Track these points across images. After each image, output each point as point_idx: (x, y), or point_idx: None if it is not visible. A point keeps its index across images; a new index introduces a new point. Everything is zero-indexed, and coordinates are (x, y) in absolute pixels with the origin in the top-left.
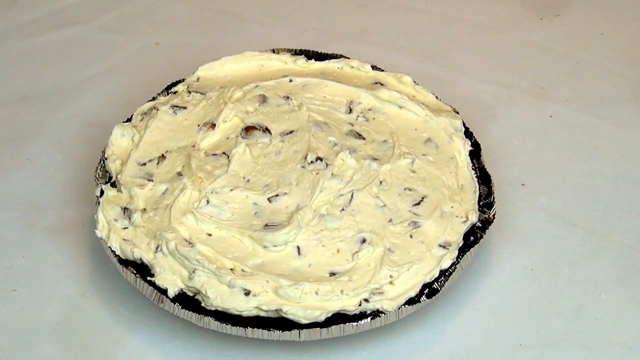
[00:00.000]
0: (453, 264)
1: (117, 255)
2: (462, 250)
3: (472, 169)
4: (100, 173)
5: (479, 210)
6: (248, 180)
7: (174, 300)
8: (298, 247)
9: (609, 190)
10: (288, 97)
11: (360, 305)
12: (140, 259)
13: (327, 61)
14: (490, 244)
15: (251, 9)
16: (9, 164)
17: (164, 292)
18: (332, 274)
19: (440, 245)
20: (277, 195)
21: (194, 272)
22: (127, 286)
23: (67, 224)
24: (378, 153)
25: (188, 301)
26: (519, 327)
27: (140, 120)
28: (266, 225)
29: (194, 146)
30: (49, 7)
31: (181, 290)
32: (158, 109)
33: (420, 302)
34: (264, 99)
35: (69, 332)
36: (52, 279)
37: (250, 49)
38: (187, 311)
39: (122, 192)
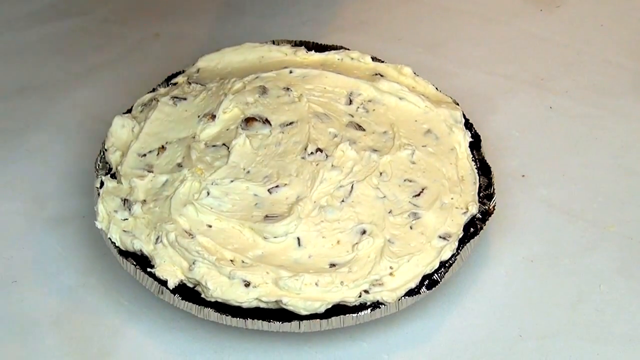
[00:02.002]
0: (453, 255)
1: (117, 247)
2: (462, 242)
3: (472, 160)
4: (100, 164)
5: (479, 202)
6: (248, 172)
7: (174, 291)
8: (298, 239)
9: (609, 182)
10: (288, 89)
11: (360, 296)
12: (140, 250)
13: (327, 52)
14: (490, 236)
15: (251, 0)
16: (9, 155)
17: (164, 283)
18: (332, 265)
19: (440, 237)
20: (277, 186)
21: (194, 263)
22: (127, 277)
23: (67, 215)
24: (378, 144)
25: (188, 292)
26: (519, 319)
27: (140, 111)
28: (266, 216)
29: (194, 137)
30: None
31: (181, 282)
32: (158, 100)
33: (420, 293)
34: (264, 90)
35: (69, 322)
36: (52, 270)
37: (250, 40)
38: (187, 302)
39: (122, 183)
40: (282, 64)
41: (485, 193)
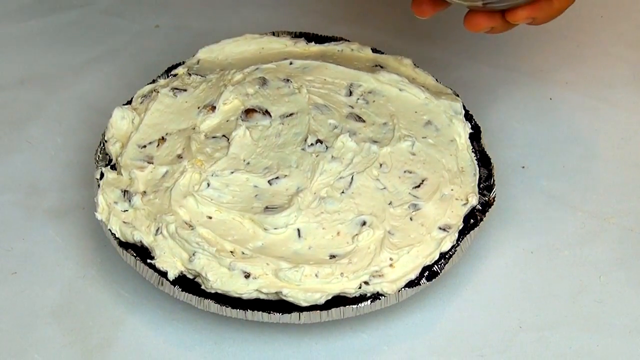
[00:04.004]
0: (453, 246)
1: (117, 238)
2: (462, 233)
3: (472, 151)
4: (100, 156)
5: (479, 193)
6: (248, 163)
7: (174, 282)
8: (298, 230)
9: (609, 173)
10: (288, 80)
11: (360, 287)
12: (141, 241)
13: (327, 44)
14: (490, 227)
15: None
16: (9, 146)
17: (164, 274)
18: (332, 256)
19: (440, 228)
20: (277, 177)
21: (194, 254)
22: (127, 269)
23: (68, 207)
24: (378, 136)
25: (188, 284)
26: (519, 310)
27: (141, 102)
28: (266, 207)
29: (194, 129)
30: None
31: (181, 273)
32: (158, 92)
33: (420, 284)
34: (264, 82)
35: (69, 314)
36: (52, 261)
37: (251, 31)
38: (187, 294)
39: (122, 174)
40: (282, 55)
41: (485, 184)
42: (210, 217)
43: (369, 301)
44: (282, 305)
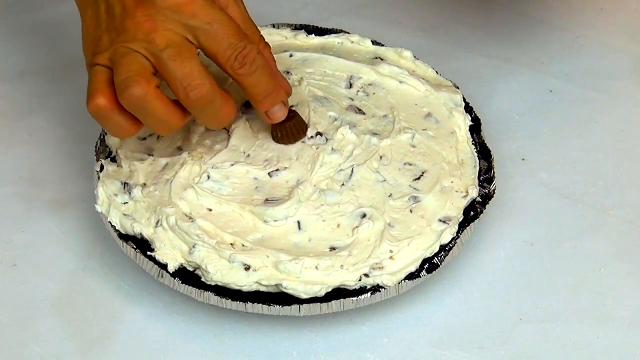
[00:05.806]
0: (453, 238)
1: (117, 230)
2: (462, 225)
3: (472, 143)
4: (100, 148)
5: (479, 185)
6: (248, 155)
7: (174, 275)
8: (298, 222)
9: (609, 165)
10: (288, 72)
11: (360, 280)
12: (141, 233)
13: (327, 36)
14: (490, 219)
15: None
16: (9, 138)
17: (164, 267)
18: (332, 248)
19: (440, 220)
20: (277, 169)
21: (194, 247)
22: (127, 261)
23: (68, 199)
24: (378, 128)
25: (188, 276)
26: (519, 302)
27: None
28: (267, 199)
29: (194, 120)
30: None
31: (181, 265)
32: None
33: (420, 277)
34: None
35: (69, 306)
36: (52, 253)
37: None
38: (187, 286)
39: (122, 166)
40: (282, 47)
41: (485, 176)
42: (210, 210)
43: (369, 293)
44: (282, 298)
